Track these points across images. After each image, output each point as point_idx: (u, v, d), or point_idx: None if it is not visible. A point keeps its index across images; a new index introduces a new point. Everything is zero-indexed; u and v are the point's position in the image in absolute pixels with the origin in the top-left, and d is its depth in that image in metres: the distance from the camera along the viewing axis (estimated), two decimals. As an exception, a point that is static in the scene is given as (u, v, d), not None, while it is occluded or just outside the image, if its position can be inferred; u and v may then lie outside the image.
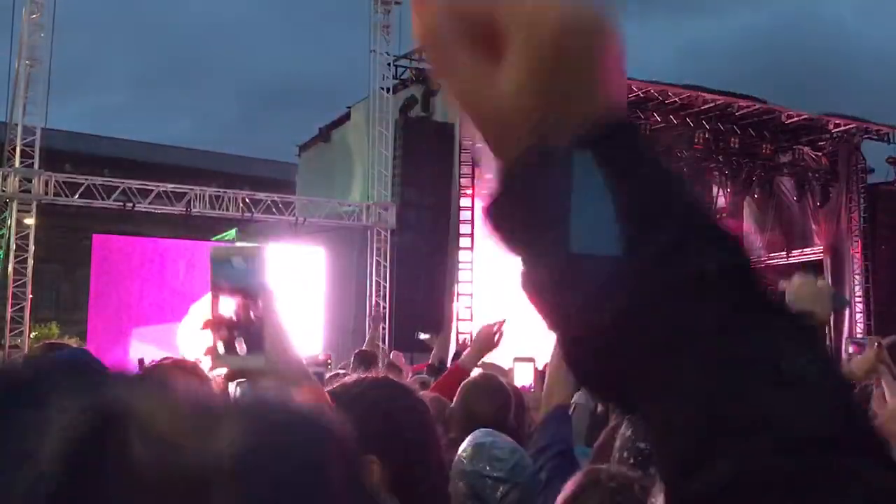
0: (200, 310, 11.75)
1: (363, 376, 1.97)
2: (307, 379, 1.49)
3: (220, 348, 1.48)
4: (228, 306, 1.49)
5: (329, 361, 7.54)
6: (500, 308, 21.93)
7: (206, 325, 1.49)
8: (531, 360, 4.48)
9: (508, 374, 4.69)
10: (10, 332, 15.69)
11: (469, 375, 4.09)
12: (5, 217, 16.22)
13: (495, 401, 3.67)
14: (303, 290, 18.71)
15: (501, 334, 4.70)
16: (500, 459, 2.55)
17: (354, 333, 17.55)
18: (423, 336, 13.21)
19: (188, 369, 2.83)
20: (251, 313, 1.49)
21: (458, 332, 18.64)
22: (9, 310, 15.71)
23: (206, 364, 1.46)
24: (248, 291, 1.50)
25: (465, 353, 4.86)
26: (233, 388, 2.72)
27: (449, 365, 6.58)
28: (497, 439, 2.68)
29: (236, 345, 1.47)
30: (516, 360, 4.44)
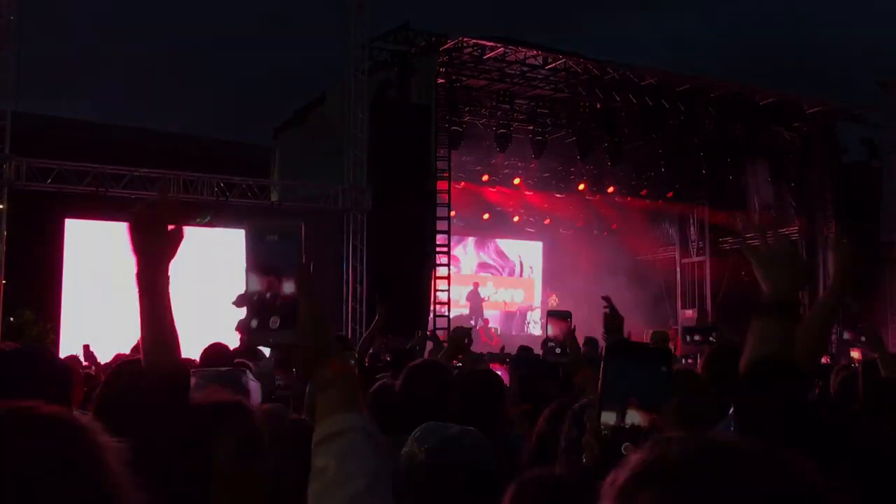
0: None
1: None
2: (338, 354, 1.48)
3: (254, 324, 1.47)
4: (261, 282, 1.49)
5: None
6: (477, 289, 21.86)
7: (239, 300, 1.50)
8: (568, 314, 4.51)
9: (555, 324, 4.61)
10: (-17, 318, 15.55)
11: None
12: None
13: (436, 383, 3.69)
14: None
15: (471, 340, 4.89)
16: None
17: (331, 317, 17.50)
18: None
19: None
20: (284, 289, 1.50)
21: (435, 316, 18.67)
22: (-19, 296, 15.55)
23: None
24: (282, 268, 1.52)
25: (441, 353, 4.95)
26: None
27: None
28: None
29: (269, 321, 1.45)
30: (550, 313, 4.48)
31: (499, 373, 5.27)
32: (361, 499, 1.26)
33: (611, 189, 25.28)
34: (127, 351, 8.60)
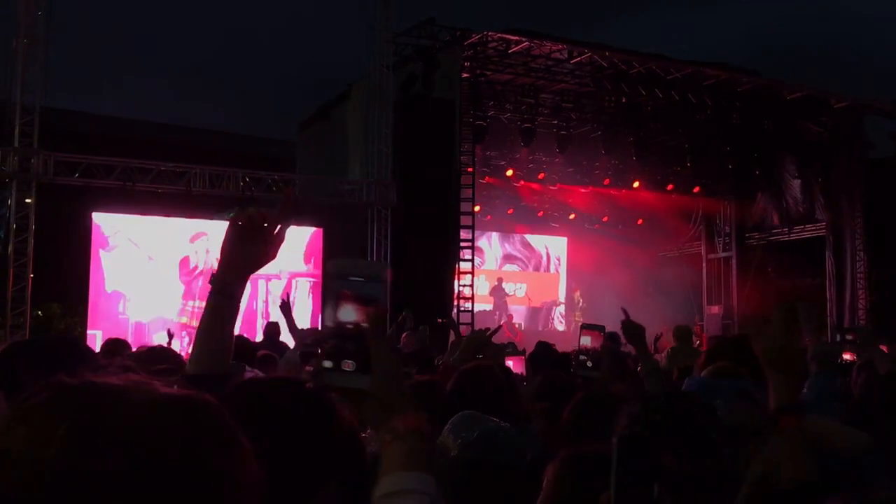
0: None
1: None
2: (411, 407, 1.45)
3: (327, 364, 1.45)
4: (352, 313, 1.46)
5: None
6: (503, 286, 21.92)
7: (318, 334, 1.49)
8: (602, 327, 4.40)
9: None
10: (12, 311, 15.72)
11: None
12: (6, 197, 16.20)
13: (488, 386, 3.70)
14: (302, 268, 18.74)
15: (491, 343, 4.85)
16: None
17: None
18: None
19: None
20: (361, 332, 1.46)
21: (458, 312, 18.68)
22: (10, 289, 15.72)
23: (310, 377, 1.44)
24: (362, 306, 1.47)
25: (456, 354, 4.93)
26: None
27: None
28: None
29: (343, 364, 1.44)
30: (584, 326, 4.37)
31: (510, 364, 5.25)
32: None
33: (636, 184, 25.15)
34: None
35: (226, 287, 2.08)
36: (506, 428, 2.52)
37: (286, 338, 10.00)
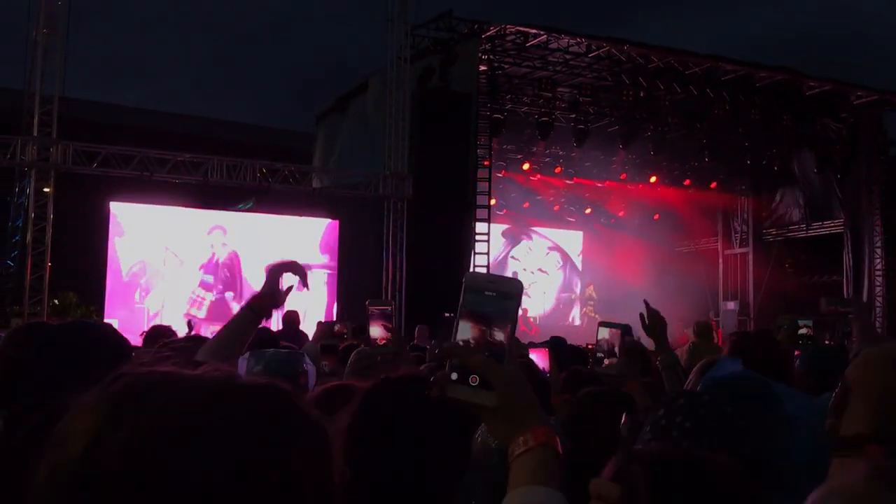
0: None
1: None
2: (541, 421, 1.42)
3: (453, 376, 1.44)
4: (473, 329, 1.46)
5: (345, 333, 7.51)
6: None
7: (442, 352, 1.48)
8: (621, 326, 4.33)
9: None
10: (30, 299, 15.82)
11: None
12: (24, 186, 16.29)
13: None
14: (318, 260, 18.78)
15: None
16: None
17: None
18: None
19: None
20: (490, 345, 1.45)
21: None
22: (28, 278, 15.81)
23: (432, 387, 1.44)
24: (496, 321, 1.47)
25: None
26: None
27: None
28: None
29: (469, 378, 1.43)
30: (602, 323, 4.32)
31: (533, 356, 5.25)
32: None
33: (653, 179, 25.06)
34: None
35: (263, 311, 2.74)
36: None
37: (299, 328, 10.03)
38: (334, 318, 17.21)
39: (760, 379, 2.77)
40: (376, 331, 4.27)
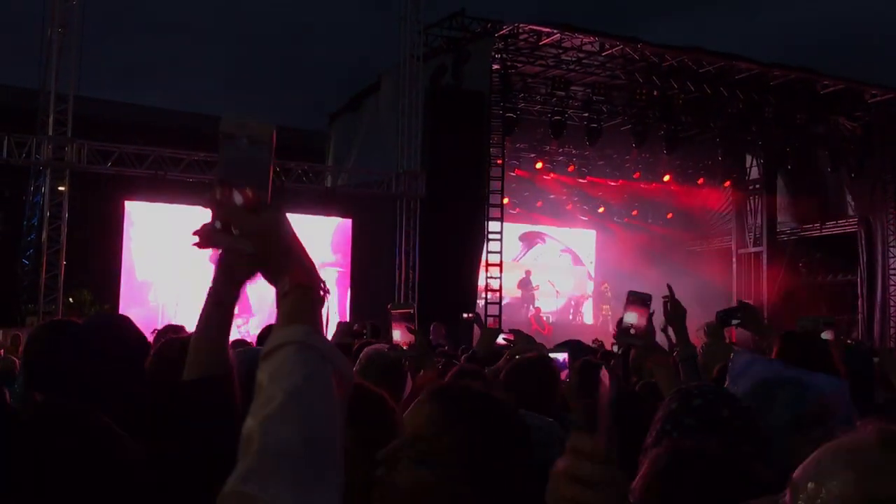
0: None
1: None
2: (299, 265, 1.47)
3: (217, 224, 1.52)
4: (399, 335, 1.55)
5: (364, 332, 7.55)
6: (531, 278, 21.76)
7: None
8: (649, 296, 4.00)
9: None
10: (45, 298, 15.90)
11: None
12: (39, 185, 16.38)
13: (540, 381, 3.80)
14: (329, 258, 18.81)
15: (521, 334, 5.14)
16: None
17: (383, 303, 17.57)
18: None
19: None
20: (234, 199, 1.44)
21: (486, 303, 18.67)
22: (43, 276, 15.90)
23: None
24: (250, 180, 1.44)
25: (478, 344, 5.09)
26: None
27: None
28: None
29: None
30: (631, 293, 3.94)
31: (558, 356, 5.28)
32: (272, 422, 1.19)
33: (667, 177, 25.02)
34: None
35: (215, 295, 1.94)
36: (548, 425, 2.58)
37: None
38: (348, 317, 17.24)
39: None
40: (399, 334, 4.25)
